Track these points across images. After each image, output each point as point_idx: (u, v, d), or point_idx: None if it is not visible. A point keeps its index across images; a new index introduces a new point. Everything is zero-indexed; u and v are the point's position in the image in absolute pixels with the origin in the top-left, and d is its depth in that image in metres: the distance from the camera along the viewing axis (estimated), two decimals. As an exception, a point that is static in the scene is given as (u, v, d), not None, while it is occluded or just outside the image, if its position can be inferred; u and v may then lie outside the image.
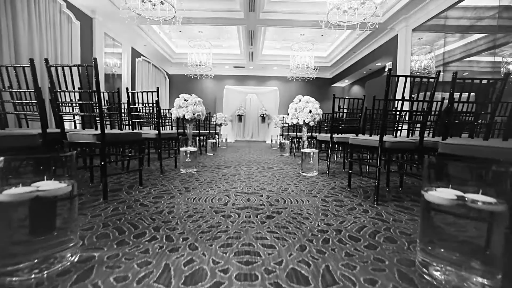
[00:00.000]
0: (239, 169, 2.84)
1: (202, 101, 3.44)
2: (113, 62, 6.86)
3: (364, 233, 1.18)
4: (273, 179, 2.38)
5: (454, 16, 4.83)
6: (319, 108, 3.42)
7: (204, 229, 1.20)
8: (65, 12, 5.08)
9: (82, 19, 5.55)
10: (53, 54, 4.85)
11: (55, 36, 4.88)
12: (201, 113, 3.39)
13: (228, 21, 6.53)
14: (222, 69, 10.63)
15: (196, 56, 7.51)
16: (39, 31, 4.51)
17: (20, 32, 4.16)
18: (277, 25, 6.69)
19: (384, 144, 1.65)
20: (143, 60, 8.48)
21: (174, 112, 3.30)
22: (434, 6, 5.12)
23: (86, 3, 5.46)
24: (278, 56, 9.63)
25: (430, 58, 5.57)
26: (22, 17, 4.19)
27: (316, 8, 6.08)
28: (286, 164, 3.43)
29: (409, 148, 1.68)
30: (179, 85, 10.85)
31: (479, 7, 4.21)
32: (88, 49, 5.80)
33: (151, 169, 2.77)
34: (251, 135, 10.81)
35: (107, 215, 1.34)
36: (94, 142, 1.53)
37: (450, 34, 4.86)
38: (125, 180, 2.15)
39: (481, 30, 4.18)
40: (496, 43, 3.88)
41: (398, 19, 5.98)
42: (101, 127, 1.52)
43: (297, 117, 3.42)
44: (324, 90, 11.39)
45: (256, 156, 4.36)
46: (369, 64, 8.05)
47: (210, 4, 6.00)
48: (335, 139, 2.58)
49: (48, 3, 4.69)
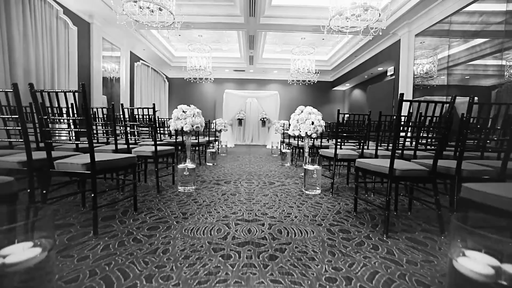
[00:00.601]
0: (239, 185, 2.74)
1: (201, 112, 3.33)
2: (111, 67, 6.75)
3: (377, 283, 1.08)
4: (274, 199, 2.27)
5: (459, 21, 4.72)
6: (321, 119, 3.31)
7: (201, 277, 1.09)
8: (61, 18, 4.97)
9: (79, 24, 5.44)
10: (49, 61, 4.74)
11: (51, 42, 4.77)
12: (200, 125, 3.28)
13: (228, 26, 6.42)
14: (222, 73, 10.53)
15: (196, 60, 7.40)
16: (34, 38, 4.40)
17: (15, 39, 4.05)
18: (278, 30, 6.59)
19: (394, 172, 1.54)
20: (142, 64, 8.37)
21: (172, 124, 3.20)
22: (438, 11, 5.01)
23: (83, 8, 5.35)
24: (279, 59, 9.53)
25: (432, 61, 5.46)
26: (17, 24, 4.08)
27: (317, 13, 5.97)
28: (288, 177, 3.32)
29: (422, 176, 1.57)
30: (179, 88, 10.74)
31: (486, 12, 4.09)
32: (85, 54, 5.69)
33: (147, 185, 2.66)
34: (251, 139, 10.70)
35: (95, 256, 1.23)
36: (83, 172, 1.42)
37: (454, 39, 4.76)
38: (119, 204, 2.04)
39: (487, 35, 4.08)
40: (503, 46, 3.78)
41: (400, 24, 5.87)
42: (90, 156, 1.41)
43: (299, 128, 3.31)
44: (325, 94, 11.28)
45: (257, 166, 4.25)
46: (371, 68, 7.94)
47: (209, 9, 5.89)
48: (340, 156, 2.48)
49: (44, 9, 4.58)
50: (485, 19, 4.10)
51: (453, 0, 4.62)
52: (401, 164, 1.62)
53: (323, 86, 10.89)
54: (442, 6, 4.87)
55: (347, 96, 11.11)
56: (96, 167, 1.44)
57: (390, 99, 6.93)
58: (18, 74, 4.11)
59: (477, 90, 4.35)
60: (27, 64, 4.28)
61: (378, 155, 2.42)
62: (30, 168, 1.43)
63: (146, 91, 8.82)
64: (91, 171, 1.41)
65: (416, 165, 1.60)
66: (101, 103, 6.16)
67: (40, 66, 4.49)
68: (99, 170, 1.47)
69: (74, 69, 5.33)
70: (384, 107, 7.16)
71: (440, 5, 4.90)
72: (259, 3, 5.28)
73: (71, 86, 5.28)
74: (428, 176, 1.59)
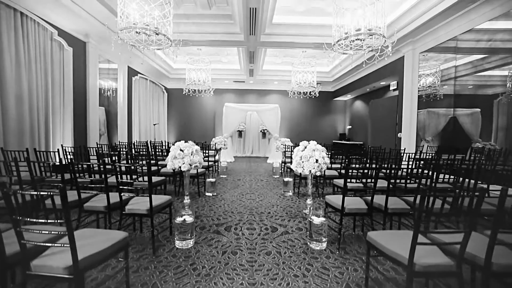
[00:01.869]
0: (239, 234, 2.57)
1: (199, 150, 3.19)
2: (108, 85, 6.61)
3: None
4: (278, 260, 2.09)
5: (466, 38, 4.57)
6: (326, 156, 3.17)
7: None
8: (56, 40, 4.83)
9: (75, 44, 5.30)
10: (43, 85, 4.59)
11: (45, 65, 4.63)
12: (199, 163, 3.14)
13: (228, 43, 6.29)
14: (222, 83, 10.38)
15: (195, 74, 7.24)
16: (28, 64, 4.26)
17: (6, 68, 3.91)
18: (278, 47, 6.45)
19: (414, 267, 1.38)
20: (140, 77, 8.23)
21: (169, 164, 3.05)
22: (444, 32, 4.87)
23: (79, 28, 5.21)
24: (279, 71, 9.39)
25: (435, 72, 5.32)
26: (8, 51, 3.93)
27: (319, 30, 5.84)
28: (291, 216, 3.16)
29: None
30: (178, 99, 10.60)
31: (495, 30, 3.94)
32: (81, 73, 5.55)
33: (143, 237, 2.51)
34: (251, 151, 10.55)
35: None
36: (63, 276, 1.25)
37: (461, 55, 4.63)
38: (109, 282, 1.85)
39: (496, 52, 3.95)
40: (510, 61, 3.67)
41: (405, 41, 5.73)
42: (73, 257, 1.23)
43: (303, 166, 3.17)
44: (326, 104, 11.14)
45: (258, 196, 4.10)
46: (373, 82, 7.80)
47: (208, 27, 5.76)
48: (347, 210, 2.33)
49: (37, 32, 4.44)
50: (494, 36, 3.96)
51: (460, 22, 4.48)
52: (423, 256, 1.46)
53: (324, 97, 10.74)
54: (448, 26, 4.73)
55: (348, 106, 10.97)
56: (80, 269, 1.27)
57: (393, 116, 6.79)
58: (10, 103, 3.97)
59: (479, 99, 4.27)
60: (20, 91, 4.14)
61: (388, 208, 2.28)
62: None
63: (145, 103, 8.68)
64: (75, 277, 1.25)
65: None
66: (98, 121, 6.02)
67: (34, 92, 4.35)
68: (83, 270, 1.31)
69: (69, 89, 5.19)
70: (388, 124, 7.02)
71: (447, 25, 4.76)
72: (260, 21, 5.14)
73: (66, 108, 5.15)
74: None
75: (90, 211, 2.18)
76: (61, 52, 5.05)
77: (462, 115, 4.68)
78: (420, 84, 5.80)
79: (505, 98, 3.78)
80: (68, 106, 5.17)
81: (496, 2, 3.79)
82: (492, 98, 4.00)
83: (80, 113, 5.50)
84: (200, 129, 10.85)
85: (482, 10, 4.03)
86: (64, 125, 5.12)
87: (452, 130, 4.91)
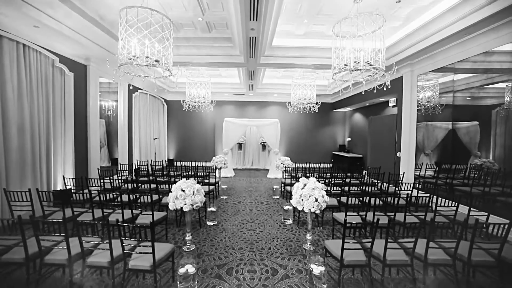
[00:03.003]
0: (240, 279, 2.62)
1: (200, 189, 3.23)
2: (109, 105, 6.65)
3: None
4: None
5: (462, 66, 4.63)
6: (325, 194, 3.22)
7: None
8: (57, 66, 4.87)
9: (76, 69, 5.35)
10: (45, 112, 4.63)
11: (47, 92, 4.68)
12: (200, 202, 3.19)
13: (228, 65, 6.34)
14: (222, 96, 10.44)
15: (195, 90, 7.27)
16: (29, 92, 4.30)
17: (8, 98, 3.94)
18: (278, 67, 6.50)
19: None
20: (140, 93, 8.27)
21: (171, 205, 3.10)
22: (442, 57, 4.93)
23: (80, 53, 5.26)
24: (279, 84, 9.45)
25: (434, 85, 5.37)
26: (11, 82, 3.98)
27: (318, 53, 5.90)
28: (291, 254, 3.16)
29: None
30: (178, 111, 10.63)
31: (496, 52, 3.97)
32: (82, 95, 5.59)
33: (146, 284, 2.55)
34: (251, 163, 10.60)
35: None
36: None
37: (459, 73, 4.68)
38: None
39: (492, 71, 4.01)
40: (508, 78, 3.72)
41: (403, 63, 5.80)
42: None
43: (302, 205, 3.21)
44: (326, 115, 11.20)
45: (258, 224, 4.12)
46: (373, 98, 7.86)
47: (208, 50, 5.81)
48: (346, 262, 2.37)
49: (39, 61, 4.49)
50: (489, 58, 4.01)
51: (457, 50, 4.54)
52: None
53: (323, 108, 10.79)
54: (446, 53, 4.80)
55: (348, 118, 11.03)
56: None
57: (392, 134, 6.84)
58: (12, 134, 4.01)
59: (477, 109, 4.38)
60: (22, 121, 4.18)
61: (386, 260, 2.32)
62: None
63: (145, 118, 8.73)
64: None
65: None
66: (98, 146, 6.06)
67: (35, 120, 4.39)
68: None
69: (70, 113, 5.23)
70: (387, 142, 7.07)
71: (445, 52, 4.82)
72: (259, 45, 5.18)
73: (67, 132, 5.19)
74: None
75: (95, 266, 2.22)
76: (62, 78, 5.10)
77: (461, 128, 4.73)
78: (419, 98, 5.84)
79: (502, 111, 3.85)
80: (69, 131, 5.21)
81: (493, 34, 3.85)
82: (490, 109, 4.07)
83: (81, 138, 5.54)
84: (200, 141, 10.90)
85: (478, 41, 4.09)
86: (65, 151, 5.15)
87: (451, 143, 4.96)
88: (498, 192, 3.93)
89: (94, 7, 4.28)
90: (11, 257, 2.22)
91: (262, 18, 3.86)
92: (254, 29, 4.25)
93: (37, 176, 4.38)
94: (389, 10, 4.30)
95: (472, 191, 4.33)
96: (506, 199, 3.81)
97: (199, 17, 4.69)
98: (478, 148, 4.36)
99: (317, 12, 4.50)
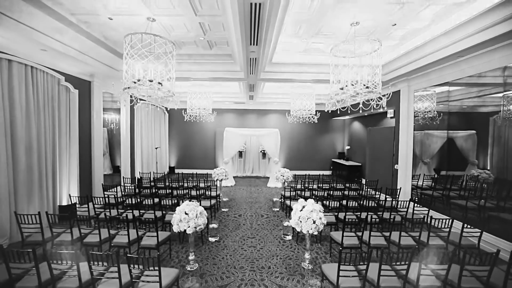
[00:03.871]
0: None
1: (203, 211, 3.36)
2: (111, 118, 6.79)
3: None
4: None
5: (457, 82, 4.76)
6: (323, 217, 3.34)
7: None
8: (63, 84, 5.01)
9: (80, 86, 5.48)
10: (51, 130, 4.75)
11: (53, 110, 4.80)
12: (203, 224, 3.31)
13: (228, 79, 6.47)
14: (222, 104, 10.57)
15: (196, 101, 7.39)
16: (36, 111, 4.41)
17: (17, 117, 4.06)
18: (277, 82, 6.63)
19: None
20: (142, 103, 8.41)
21: (175, 227, 3.22)
22: (436, 76, 5.06)
23: (85, 71, 5.40)
24: (279, 93, 9.56)
25: (431, 94, 5.46)
26: (19, 103, 4.10)
27: (316, 69, 6.04)
28: (290, 273, 3.29)
29: None
30: (179, 119, 10.74)
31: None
32: (86, 110, 5.71)
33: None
34: (251, 170, 10.72)
35: None
36: None
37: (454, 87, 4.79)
38: None
39: (487, 85, 4.12)
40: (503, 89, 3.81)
41: (400, 79, 5.93)
42: None
43: (301, 226, 3.34)
44: (325, 123, 11.32)
45: (259, 244, 4.17)
46: (371, 109, 7.97)
47: (209, 66, 5.95)
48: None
49: (46, 80, 4.61)
50: (488, 73, 4.10)
51: (452, 69, 4.67)
52: None
53: (323, 115, 10.89)
54: (441, 71, 4.92)
55: (347, 125, 11.16)
56: None
57: (390, 146, 6.96)
58: (20, 154, 4.13)
59: (475, 117, 4.48)
60: (29, 141, 4.30)
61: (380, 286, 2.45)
62: None
63: (147, 126, 8.86)
64: None
65: None
66: (102, 163, 6.18)
67: (42, 138, 4.51)
68: None
69: (75, 128, 5.35)
70: (385, 154, 7.19)
71: (440, 71, 4.95)
72: (260, 64, 5.31)
73: (72, 146, 5.31)
74: None
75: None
76: (68, 95, 5.23)
77: (458, 137, 4.85)
78: (417, 108, 5.93)
79: (499, 120, 3.95)
80: (74, 145, 5.32)
81: (486, 57, 3.98)
82: (488, 116, 4.17)
83: (85, 151, 5.67)
84: (200, 148, 11.03)
85: (471, 63, 4.22)
86: (70, 164, 5.27)
87: (448, 151, 5.07)
88: (493, 206, 4.04)
89: (99, 29, 4.42)
90: (24, 285, 2.35)
91: (263, 43, 3.99)
92: (255, 51, 4.39)
93: (43, 195, 4.50)
94: (385, 32, 4.44)
95: (468, 205, 4.45)
96: (498, 214, 3.93)
97: (200, 36, 4.82)
98: (476, 156, 4.45)
99: (316, 32, 4.63)
